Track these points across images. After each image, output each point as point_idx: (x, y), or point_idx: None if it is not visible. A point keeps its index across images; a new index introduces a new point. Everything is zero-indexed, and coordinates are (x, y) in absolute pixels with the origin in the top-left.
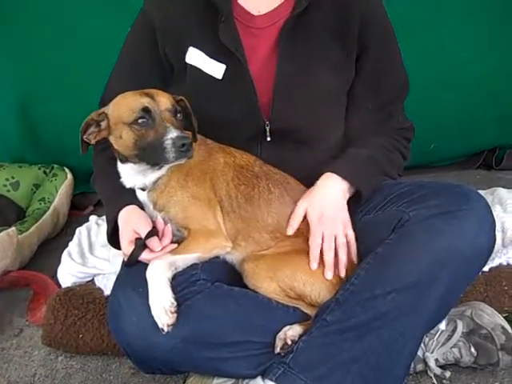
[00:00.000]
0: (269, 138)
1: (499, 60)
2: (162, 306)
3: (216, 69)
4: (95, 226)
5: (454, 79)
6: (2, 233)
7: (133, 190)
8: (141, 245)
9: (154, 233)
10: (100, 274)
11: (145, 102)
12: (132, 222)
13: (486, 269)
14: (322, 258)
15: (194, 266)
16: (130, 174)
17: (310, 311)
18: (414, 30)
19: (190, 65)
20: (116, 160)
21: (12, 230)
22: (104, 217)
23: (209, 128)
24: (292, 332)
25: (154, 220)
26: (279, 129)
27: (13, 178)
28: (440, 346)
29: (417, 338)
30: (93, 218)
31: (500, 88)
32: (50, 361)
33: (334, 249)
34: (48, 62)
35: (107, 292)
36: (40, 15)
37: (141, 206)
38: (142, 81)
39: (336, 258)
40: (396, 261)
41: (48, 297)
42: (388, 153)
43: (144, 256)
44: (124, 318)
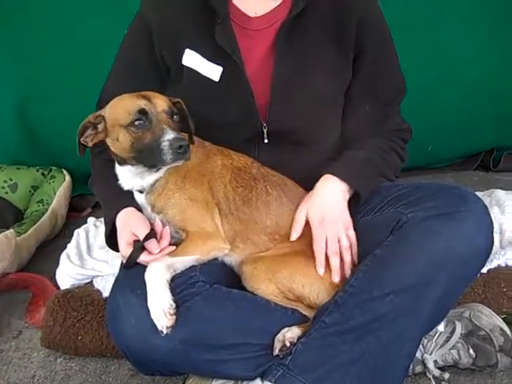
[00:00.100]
0: (266, 140)
1: (499, 60)
2: (160, 308)
3: (213, 71)
4: (93, 228)
5: (453, 79)
6: (0, 235)
7: (131, 192)
8: (139, 247)
9: (152, 235)
10: (98, 276)
11: (141, 104)
12: (130, 224)
13: (484, 270)
14: (326, 261)
15: (192, 268)
16: (127, 177)
17: (308, 313)
18: (413, 30)
19: (187, 67)
20: (113, 162)
21: (10, 232)
22: (102, 219)
23: (206, 130)
24: (291, 334)
25: (152, 222)
26: (276, 131)
27: (11, 179)
28: (439, 347)
29: (415, 339)
30: (91, 219)
31: (500, 88)
32: (48, 363)
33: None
34: (47, 62)
35: (106, 294)
36: (40, 15)
37: (139, 208)
38: (139, 83)
39: (341, 261)
40: (394, 263)
41: (47, 299)
42: (385, 154)
43: (142, 258)
44: (123, 320)
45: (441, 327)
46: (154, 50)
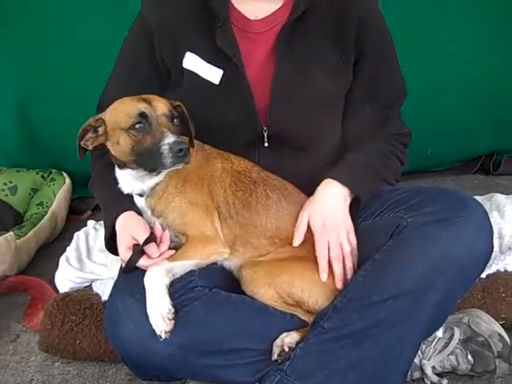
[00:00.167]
0: (266, 144)
1: (499, 60)
2: (159, 312)
3: (213, 74)
4: (93, 231)
5: (453, 79)
6: (0, 238)
7: (131, 195)
8: (138, 251)
9: (151, 239)
10: (98, 280)
11: (142, 107)
12: (130, 228)
13: (483, 275)
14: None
15: (191, 273)
16: (127, 180)
17: (307, 318)
18: (413, 31)
19: (187, 70)
20: (114, 166)
21: (10, 234)
22: (102, 222)
23: (206, 133)
24: (289, 339)
25: (151, 226)
26: (277, 134)
27: (11, 182)
28: (437, 353)
29: (414, 344)
30: (91, 222)
31: (500, 88)
32: (46, 367)
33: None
34: (47, 62)
35: (105, 297)
36: (40, 15)
37: (139, 212)
38: (140, 86)
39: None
40: (393, 267)
41: (46, 302)
42: (385, 158)
43: (142, 262)
44: (121, 325)
45: (439, 333)
46: (155, 52)
